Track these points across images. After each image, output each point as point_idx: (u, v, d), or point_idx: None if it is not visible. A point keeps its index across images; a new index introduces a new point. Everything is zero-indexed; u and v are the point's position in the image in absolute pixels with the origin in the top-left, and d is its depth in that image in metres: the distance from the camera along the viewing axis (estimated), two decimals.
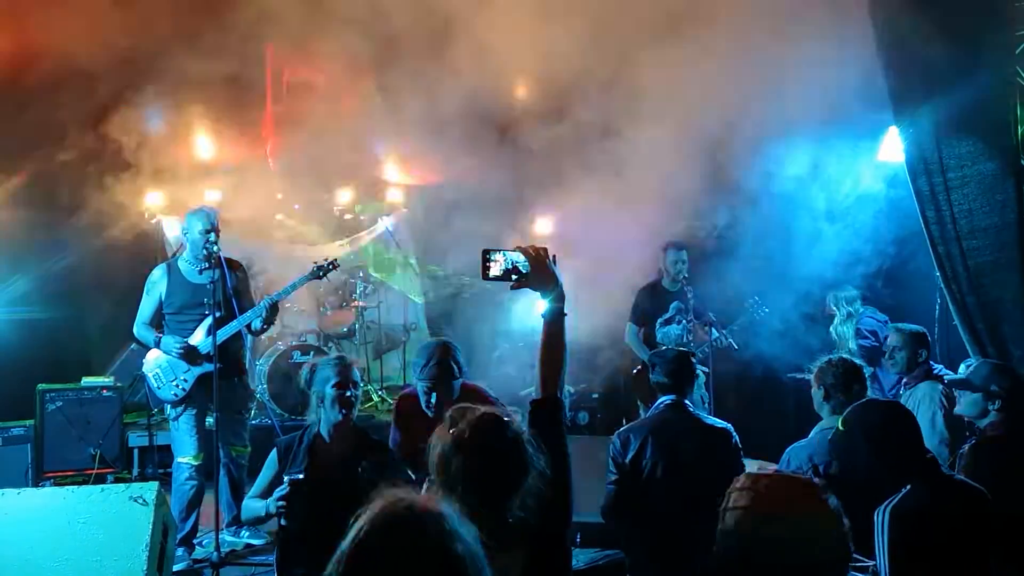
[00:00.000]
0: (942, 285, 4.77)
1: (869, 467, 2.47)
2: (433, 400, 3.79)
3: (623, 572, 4.08)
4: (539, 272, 2.34)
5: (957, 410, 3.87)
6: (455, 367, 3.84)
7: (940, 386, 4.49)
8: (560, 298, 2.35)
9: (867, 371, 4.03)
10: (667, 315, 6.49)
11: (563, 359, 2.33)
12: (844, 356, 3.88)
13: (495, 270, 2.40)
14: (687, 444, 3.83)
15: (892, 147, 5.48)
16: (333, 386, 3.54)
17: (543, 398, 2.31)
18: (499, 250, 2.41)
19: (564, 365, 2.33)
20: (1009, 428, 3.60)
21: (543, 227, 7.63)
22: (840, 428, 2.87)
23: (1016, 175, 4.48)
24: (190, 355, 5.12)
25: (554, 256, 2.38)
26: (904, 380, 4.81)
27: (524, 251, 2.37)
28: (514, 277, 2.38)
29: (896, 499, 2.69)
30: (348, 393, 3.55)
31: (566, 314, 2.36)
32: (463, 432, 2.08)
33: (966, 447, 3.66)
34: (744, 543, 1.83)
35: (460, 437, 2.07)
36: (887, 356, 4.90)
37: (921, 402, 4.54)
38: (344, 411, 3.54)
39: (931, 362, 4.77)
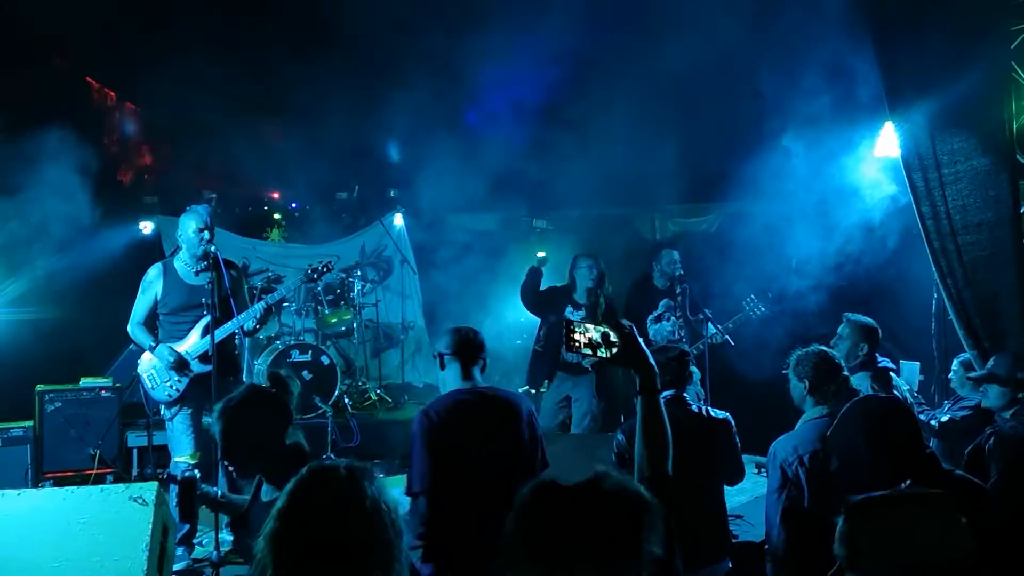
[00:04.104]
0: (938, 280, 4.77)
1: (871, 464, 2.46)
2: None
3: None
4: (630, 350, 2.24)
5: (985, 403, 3.85)
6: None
7: (869, 379, 4.49)
8: (653, 375, 2.25)
9: None
10: (657, 312, 6.50)
11: (666, 436, 2.22)
12: (822, 348, 3.85)
13: (582, 342, 2.30)
14: (692, 437, 3.82)
15: (888, 142, 5.47)
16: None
17: (652, 478, 2.18)
18: (584, 323, 2.31)
19: (668, 442, 2.22)
20: None
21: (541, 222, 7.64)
22: (837, 424, 2.84)
23: (1010, 170, 4.47)
24: (180, 367, 5.16)
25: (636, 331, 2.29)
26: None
27: (613, 327, 2.27)
28: (601, 353, 2.27)
29: None
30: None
31: (660, 391, 2.26)
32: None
33: (985, 436, 3.64)
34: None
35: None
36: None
37: None
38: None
39: (876, 355, 4.71)
